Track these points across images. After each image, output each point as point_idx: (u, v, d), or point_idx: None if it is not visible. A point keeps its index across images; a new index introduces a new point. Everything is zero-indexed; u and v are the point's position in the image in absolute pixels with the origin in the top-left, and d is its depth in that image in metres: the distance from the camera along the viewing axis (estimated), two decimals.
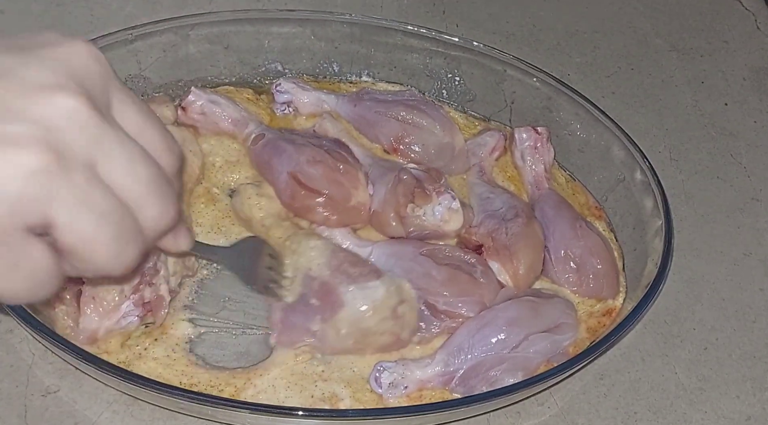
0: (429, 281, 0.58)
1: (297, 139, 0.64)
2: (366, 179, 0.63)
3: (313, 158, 0.61)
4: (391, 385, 0.54)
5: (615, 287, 0.63)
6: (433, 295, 0.57)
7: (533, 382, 0.53)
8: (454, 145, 0.68)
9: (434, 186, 0.62)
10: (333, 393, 0.55)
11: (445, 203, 0.62)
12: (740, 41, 0.92)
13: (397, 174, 0.62)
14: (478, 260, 0.60)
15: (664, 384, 0.61)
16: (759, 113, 0.84)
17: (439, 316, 0.58)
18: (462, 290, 0.58)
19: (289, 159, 0.62)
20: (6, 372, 0.55)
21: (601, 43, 0.89)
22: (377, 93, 0.72)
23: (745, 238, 0.72)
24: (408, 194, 0.61)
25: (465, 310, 0.57)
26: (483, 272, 0.59)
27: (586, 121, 0.70)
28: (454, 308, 0.57)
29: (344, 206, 0.61)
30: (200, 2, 0.84)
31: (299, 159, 0.61)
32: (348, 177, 0.62)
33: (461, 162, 0.69)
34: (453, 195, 0.62)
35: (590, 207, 0.69)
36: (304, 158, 0.61)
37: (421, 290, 0.57)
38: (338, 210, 0.61)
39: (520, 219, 0.62)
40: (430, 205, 0.62)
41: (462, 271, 0.59)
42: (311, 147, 0.62)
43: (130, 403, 0.54)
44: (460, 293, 0.58)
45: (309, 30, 0.74)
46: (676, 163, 0.77)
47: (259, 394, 0.54)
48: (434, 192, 0.62)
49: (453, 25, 0.88)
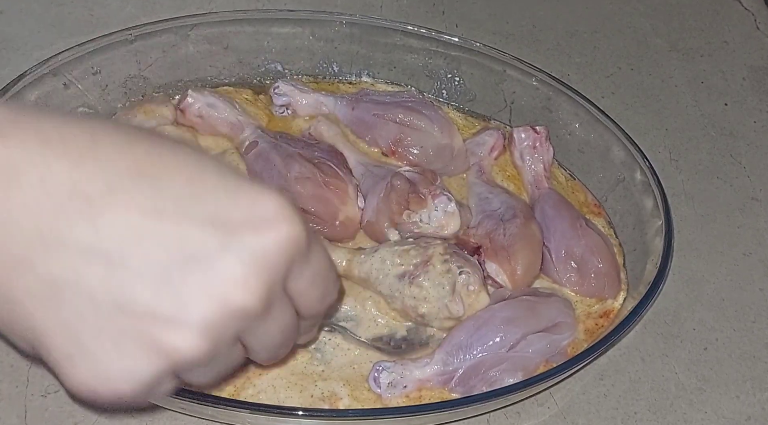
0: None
1: (288, 149, 0.64)
2: (356, 191, 0.63)
3: (300, 174, 0.61)
4: (390, 385, 0.54)
5: (616, 286, 0.63)
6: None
7: (533, 382, 0.53)
8: (453, 146, 0.68)
9: (429, 189, 0.62)
10: (332, 392, 0.55)
11: (441, 205, 0.61)
12: (740, 41, 0.92)
13: (389, 182, 0.62)
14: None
15: (664, 384, 0.61)
16: (759, 113, 0.84)
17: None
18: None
19: (278, 175, 0.62)
20: (6, 372, 0.55)
21: (601, 43, 0.89)
22: (375, 94, 0.72)
23: (745, 238, 0.72)
24: (402, 200, 0.61)
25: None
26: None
27: (586, 121, 0.70)
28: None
29: (332, 223, 0.61)
30: (200, 2, 0.84)
31: (287, 176, 0.61)
32: (337, 193, 0.62)
33: (461, 162, 0.69)
34: (449, 197, 0.61)
35: (589, 205, 0.69)
36: (292, 175, 0.61)
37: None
38: (326, 226, 0.61)
39: (518, 220, 0.62)
40: (425, 210, 0.61)
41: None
42: (300, 162, 0.62)
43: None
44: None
45: (309, 30, 0.74)
46: (676, 163, 0.77)
47: (259, 394, 0.54)
48: (429, 195, 0.61)
49: (453, 25, 0.88)
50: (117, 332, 0.32)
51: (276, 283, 0.35)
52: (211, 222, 0.33)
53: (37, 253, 0.31)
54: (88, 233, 0.31)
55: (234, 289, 0.32)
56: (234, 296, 0.32)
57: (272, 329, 0.37)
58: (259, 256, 0.33)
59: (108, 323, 0.31)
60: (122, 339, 0.32)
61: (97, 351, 0.32)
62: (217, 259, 0.32)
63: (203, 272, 0.32)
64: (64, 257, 0.31)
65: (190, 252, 0.32)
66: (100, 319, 0.31)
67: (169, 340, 0.32)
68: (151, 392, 0.34)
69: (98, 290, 0.31)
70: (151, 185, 0.32)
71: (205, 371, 0.36)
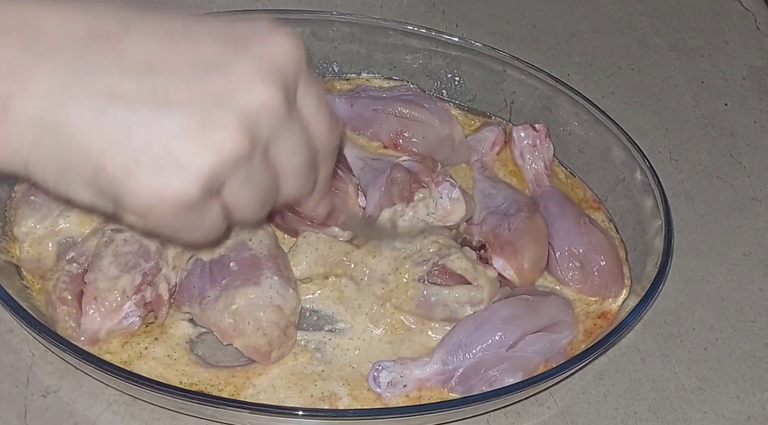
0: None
1: None
2: (356, 190, 0.63)
3: None
4: (389, 384, 0.54)
5: (620, 284, 0.63)
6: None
7: (533, 382, 0.53)
8: (453, 136, 0.68)
9: (432, 176, 0.61)
10: (332, 392, 0.55)
11: (444, 192, 0.60)
12: (740, 41, 0.92)
13: (389, 175, 0.62)
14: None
15: (664, 384, 0.61)
16: (759, 113, 0.84)
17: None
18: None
19: None
20: (6, 372, 0.55)
21: (601, 43, 0.89)
22: (373, 90, 0.71)
23: (745, 238, 0.72)
24: (404, 192, 0.61)
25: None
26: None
27: (586, 121, 0.70)
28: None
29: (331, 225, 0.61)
30: (200, 2, 0.84)
31: None
32: (337, 194, 0.61)
33: (462, 153, 0.69)
34: (452, 182, 0.61)
35: (588, 200, 0.69)
36: None
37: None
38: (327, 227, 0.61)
39: (522, 213, 0.62)
40: (431, 199, 0.61)
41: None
42: None
43: (130, 403, 0.54)
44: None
45: (309, 30, 0.74)
46: (676, 163, 0.77)
47: (259, 394, 0.54)
48: (432, 183, 0.61)
49: (453, 25, 0.88)
50: (163, 134, 0.34)
51: (290, 87, 0.38)
52: (221, 38, 0.37)
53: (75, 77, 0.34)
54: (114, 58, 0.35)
55: (257, 86, 0.36)
56: (259, 93, 0.36)
57: (297, 140, 0.40)
58: (271, 61, 0.37)
59: (152, 127, 0.34)
60: (171, 140, 0.34)
61: (152, 154, 0.34)
62: (234, 64, 0.36)
63: (227, 75, 0.36)
64: (99, 79, 0.34)
65: (209, 61, 0.36)
66: (143, 126, 0.34)
67: (214, 136, 0.35)
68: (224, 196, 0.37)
69: (135, 99, 0.34)
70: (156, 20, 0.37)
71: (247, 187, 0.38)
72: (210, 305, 0.55)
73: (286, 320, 0.55)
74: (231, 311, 0.54)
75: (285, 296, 0.55)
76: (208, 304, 0.55)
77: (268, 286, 0.55)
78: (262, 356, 0.55)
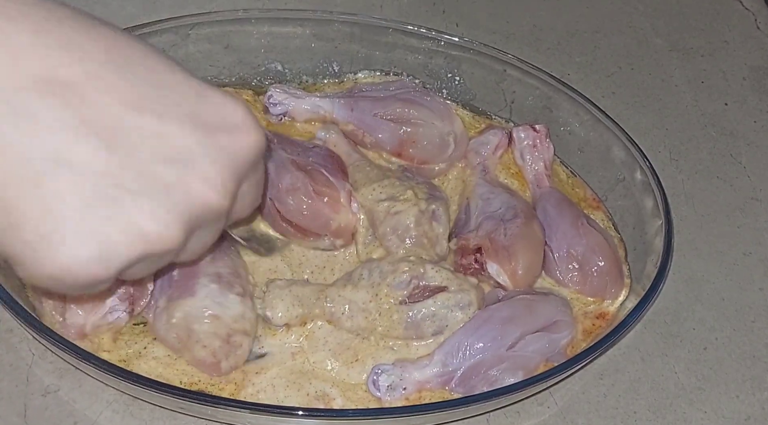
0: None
1: (282, 155, 0.62)
2: (350, 196, 0.62)
3: (291, 185, 0.60)
4: (389, 387, 0.54)
5: (619, 285, 0.63)
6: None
7: (533, 382, 0.53)
8: (455, 132, 0.68)
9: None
10: (325, 393, 0.55)
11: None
12: (740, 41, 0.92)
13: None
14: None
15: (664, 384, 0.61)
16: (759, 113, 0.84)
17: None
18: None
19: (270, 184, 0.61)
20: (6, 372, 0.55)
21: (601, 43, 0.89)
22: (369, 89, 0.71)
23: (745, 238, 0.72)
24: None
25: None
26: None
27: (586, 121, 0.70)
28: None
29: (324, 234, 0.61)
30: (200, 2, 0.84)
31: (278, 186, 0.60)
32: (328, 203, 0.61)
33: (462, 147, 0.69)
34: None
35: (588, 199, 0.69)
36: (283, 186, 0.60)
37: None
38: (318, 240, 0.61)
39: (518, 219, 0.62)
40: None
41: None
42: (292, 171, 0.61)
43: (130, 403, 0.54)
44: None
45: (309, 30, 0.74)
46: (676, 163, 0.77)
47: (259, 393, 0.54)
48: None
49: (453, 24, 0.88)
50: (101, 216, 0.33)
51: (242, 180, 0.39)
52: (190, 121, 0.35)
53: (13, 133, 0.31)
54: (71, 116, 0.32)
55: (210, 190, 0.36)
56: (210, 196, 0.36)
57: (219, 228, 0.41)
58: (232, 159, 0.37)
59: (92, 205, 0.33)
60: (106, 224, 0.33)
61: (75, 230, 0.32)
62: (197, 160, 0.35)
63: (184, 169, 0.35)
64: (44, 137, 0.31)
65: (171, 149, 0.35)
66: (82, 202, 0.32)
67: (151, 231, 0.34)
68: (122, 274, 0.36)
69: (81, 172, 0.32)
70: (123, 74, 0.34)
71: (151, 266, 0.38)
72: (159, 317, 0.54)
73: (227, 328, 0.53)
74: (171, 325, 0.53)
75: (223, 303, 0.53)
76: (157, 315, 0.54)
77: (203, 295, 0.53)
78: (210, 368, 0.53)
